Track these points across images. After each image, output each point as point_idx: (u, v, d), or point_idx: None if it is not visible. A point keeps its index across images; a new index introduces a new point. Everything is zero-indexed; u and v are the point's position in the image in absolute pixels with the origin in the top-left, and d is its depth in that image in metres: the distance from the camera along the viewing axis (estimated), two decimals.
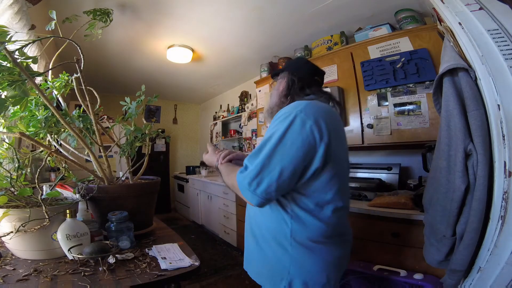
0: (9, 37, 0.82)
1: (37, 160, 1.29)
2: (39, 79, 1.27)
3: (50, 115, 1.05)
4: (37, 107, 1.04)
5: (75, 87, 1.14)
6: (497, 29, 0.91)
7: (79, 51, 1.09)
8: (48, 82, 1.15)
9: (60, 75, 1.15)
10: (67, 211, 0.90)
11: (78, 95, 1.13)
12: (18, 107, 0.92)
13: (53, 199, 1.04)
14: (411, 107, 1.71)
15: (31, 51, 1.55)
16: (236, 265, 2.61)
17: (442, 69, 1.02)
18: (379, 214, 1.53)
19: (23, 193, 0.91)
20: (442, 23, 1.16)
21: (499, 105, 0.86)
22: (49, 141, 1.15)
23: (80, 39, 1.36)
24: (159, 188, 1.31)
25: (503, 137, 0.84)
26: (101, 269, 0.83)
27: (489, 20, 0.93)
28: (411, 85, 1.71)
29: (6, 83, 0.83)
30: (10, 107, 0.90)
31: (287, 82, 0.95)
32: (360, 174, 2.24)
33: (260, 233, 0.88)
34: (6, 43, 0.80)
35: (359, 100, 1.99)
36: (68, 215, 0.90)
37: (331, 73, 2.18)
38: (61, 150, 1.19)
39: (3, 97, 0.85)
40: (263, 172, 0.72)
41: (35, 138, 1.05)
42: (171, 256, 0.95)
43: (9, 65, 0.84)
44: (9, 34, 0.82)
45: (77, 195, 1.09)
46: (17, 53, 0.84)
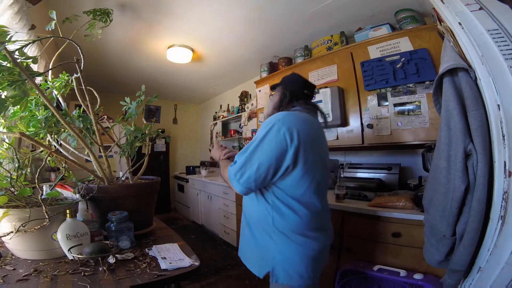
0: (9, 37, 0.82)
1: (37, 160, 1.29)
2: (39, 79, 1.27)
3: (50, 115, 1.05)
4: (37, 107, 1.04)
5: (75, 87, 1.14)
6: (497, 29, 0.91)
7: (79, 51, 1.09)
8: (48, 82, 1.15)
9: (60, 75, 1.15)
10: (67, 211, 0.90)
11: (78, 95, 1.13)
12: (18, 107, 0.92)
13: (53, 199, 1.05)
14: (411, 107, 1.71)
15: (31, 51, 1.55)
16: (236, 265, 2.61)
17: (442, 69, 1.02)
18: (379, 214, 1.53)
19: (23, 193, 0.91)
20: (442, 23, 1.17)
21: (499, 105, 0.86)
22: (49, 141, 1.15)
23: (80, 39, 1.36)
24: (159, 188, 1.31)
25: (503, 137, 0.84)
26: (101, 269, 0.83)
27: (489, 20, 0.93)
28: (411, 85, 1.71)
29: (6, 83, 0.83)
30: (10, 107, 0.90)
31: (280, 95, 1.13)
32: (360, 174, 2.24)
33: (252, 220, 1.05)
34: (6, 43, 0.80)
35: (359, 100, 1.99)
36: (68, 215, 0.90)
37: (331, 73, 2.18)
38: (61, 150, 1.19)
39: (3, 97, 0.85)
40: (246, 166, 0.92)
41: (35, 138, 1.05)
42: (171, 256, 0.95)
43: (9, 65, 0.84)
44: (9, 34, 0.82)
45: (77, 195, 1.10)
46: (17, 53, 0.84)
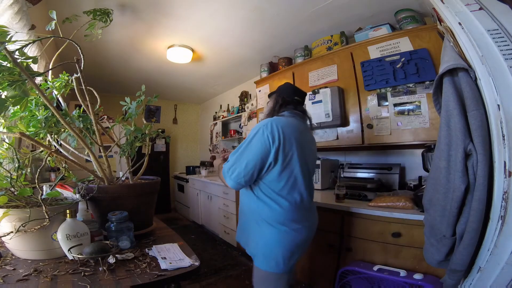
0: (9, 37, 0.82)
1: (37, 160, 1.29)
2: (39, 79, 1.27)
3: (50, 115, 1.05)
4: (37, 107, 1.04)
5: (75, 87, 1.14)
6: (497, 29, 0.91)
7: (79, 51, 1.09)
8: (48, 82, 1.15)
9: (60, 75, 1.15)
10: (67, 211, 0.90)
11: (78, 95, 1.13)
12: (18, 107, 0.92)
13: (53, 199, 1.04)
14: (411, 107, 1.71)
15: (31, 51, 1.55)
16: (236, 265, 2.61)
17: (442, 69, 1.02)
18: (379, 214, 1.53)
19: (23, 193, 0.91)
20: (442, 23, 1.17)
21: (499, 105, 0.86)
22: (49, 141, 1.15)
23: (80, 39, 1.36)
24: (159, 188, 1.31)
25: (503, 137, 0.84)
26: (101, 269, 0.83)
27: (489, 20, 0.93)
28: (411, 85, 1.71)
29: (6, 83, 0.83)
30: (10, 107, 0.90)
31: (273, 102, 1.30)
32: (360, 174, 2.24)
33: (245, 211, 1.23)
34: (6, 43, 0.80)
35: (359, 100, 1.99)
36: (68, 215, 0.90)
37: (331, 73, 2.18)
38: (61, 150, 1.19)
39: (3, 97, 0.85)
40: (236, 164, 1.09)
41: (35, 138, 1.05)
42: (171, 256, 0.95)
43: (9, 65, 0.84)
44: (9, 34, 0.82)
45: (77, 195, 1.09)
46: (17, 53, 0.84)
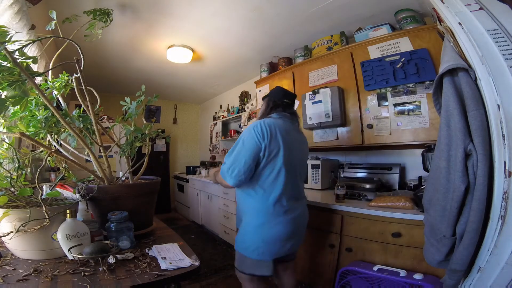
0: (9, 37, 0.82)
1: (37, 160, 1.29)
2: (39, 79, 1.27)
3: (50, 115, 1.05)
4: (37, 107, 1.04)
5: (75, 87, 1.14)
6: (497, 29, 0.91)
7: (79, 51, 1.09)
8: (48, 82, 1.15)
9: (60, 75, 1.15)
10: (67, 211, 0.90)
11: (78, 95, 1.13)
12: (18, 107, 0.92)
13: (53, 199, 1.05)
14: (411, 107, 1.71)
15: (31, 51, 1.55)
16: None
17: (442, 69, 1.02)
18: (379, 214, 1.53)
19: (23, 193, 0.91)
20: (442, 23, 1.17)
21: (499, 105, 0.86)
22: (49, 141, 1.15)
23: (80, 39, 1.36)
24: (159, 188, 1.31)
25: (503, 137, 0.84)
26: (101, 269, 0.83)
27: (489, 20, 0.93)
28: (411, 85, 1.71)
29: (6, 83, 0.83)
30: (10, 107, 0.90)
31: (265, 105, 1.44)
32: (360, 174, 2.24)
33: (238, 201, 1.38)
34: (6, 43, 0.80)
35: (359, 100, 1.99)
36: (68, 215, 0.90)
37: (331, 73, 2.18)
38: (61, 150, 1.19)
39: (3, 97, 0.85)
40: (235, 163, 1.22)
41: (35, 138, 1.05)
42: (171, 256, 0.95)
43: (9, 65, 0.83)
44: (9, 34, 0.82)
45: (77, 195, 1.09)
46: (17, 53, 0.84)
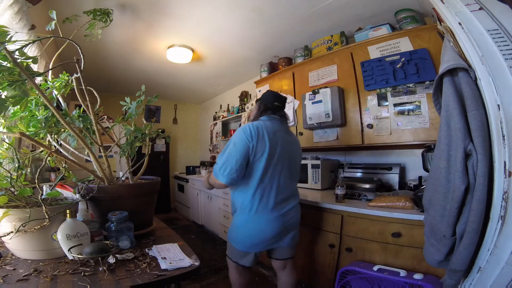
0: (9, 37, 0.82)
1: (37, 160, 1.29)
2: (39, 79, 1.27)
3: (50, 115, 1.05)
4: (37, 107, 1.04)
5: (75, 87, 1.14)
6: (497, 29, 0.91)
7: (79, 51, 1.09)
8: (48, 82, 1.15)
9: (60, 75, 1.15)
10: (67, 211, 0.90)
11: (78, 95, 1.13)
12: (18, 107, 0.92)
13: (53, 199, 1.05)
14: (411, 107, 1.71)
15: (31, 51, 1.55)
16: None
17: (442, 69, 1.02)
18: (379, 214, 1.53)
19: (23, 193, 0.91)
20: (442, 23, 1.17)
21: (499, 105, 0.86)
22: (49, 141, 1.15)
23: (80, 39, 1.36)
24: (159, 188, 1.31)
25: (503, 137, 0.84)
26: (101, 269, 0.83)
27: (489, 20, 0.93)
28: (411, 85, 1.71)
29: (6, 83, 0.83)
30: (10, 107, 0.90)
31: (257, 108, 1.51)
32: (360, 174, 2.24)
33: (231, 200, 1.46)
34: (6, 43, 0.80)
35: (359, 100, 1.99)
36: (68, 215, 0.90)
37: (331, 73, 2.18)
38: (61, 150, 1.19)
39: (3, 97, 0.85)
40: (227, 162, 1.28)
41: (35, 138, 1.05)
42: (171, 256, 0.95)
43: (9, 65, 0.84)
44: (9, 34, 0.82)
45: (77, 195, 1.10)
46: (17, 53, 0.84)
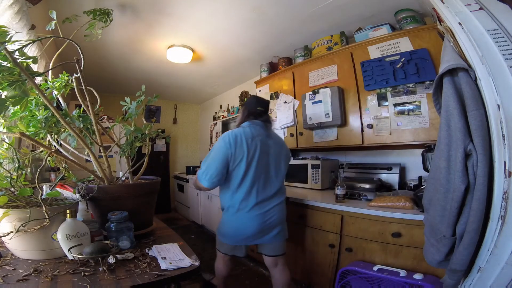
0: (9, 37, 0.82)
1: (37, 160, 1.29)
2: (39, 79, 1.27)
3: (50, 115, 1.05)
4: (37, 107, 1.04)
5: (75, 87, 1.14)
6: (497, 29, 0.91)
7: (79, 51, 1.09)
8: (48, 82, 1.15)
9: (60, 75, 1.15)
10: (67, 211, 0.90)
11: (78, 95, 1.13)
12: (18, 107, 0.92)
13: (53, 199, 1.05)
14: (411, 107, 1.71)
15: (31, 51, 1.55)
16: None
17: (442, 69, 1.02)
18: (379, 214, 1.53)
19: (23, 193, 0.91)
20: (442, 23, 1.17)
21: (499, 105, 0.86)
22: (49, 141, 1.15)
23: (80, 39, 1.36)
24: (159, 188, 1.31)
25: (503, 137, 0.84)
26: (101, 269, 0.83)
27: (489, 20, 0.93)
28: (411, 85, 1.71)
29: (6, 83, 0.83)
30: (10, 107, 0.90)
31: (242, 113, 1.60)
32: (360, 174, 2.24)
33: (220, 201, 1.57)
34: (6, 43, 0.80)
35: (359, 100, 1.99)
36: (68, 215, 0.90)
37: (331, 73, 2.18)
38: (61, 150, 1.19)
39: (3, 97, 0.85)
40: (208, 168, 1.39)
41: (35, 138, 1.05)
42: (171, 256, 0.95)
43: (9, 65, 0.84)
44: (9, 34, 0.82)
45: (77, 195, 1.10)
46: (17, 53, 0.84)
